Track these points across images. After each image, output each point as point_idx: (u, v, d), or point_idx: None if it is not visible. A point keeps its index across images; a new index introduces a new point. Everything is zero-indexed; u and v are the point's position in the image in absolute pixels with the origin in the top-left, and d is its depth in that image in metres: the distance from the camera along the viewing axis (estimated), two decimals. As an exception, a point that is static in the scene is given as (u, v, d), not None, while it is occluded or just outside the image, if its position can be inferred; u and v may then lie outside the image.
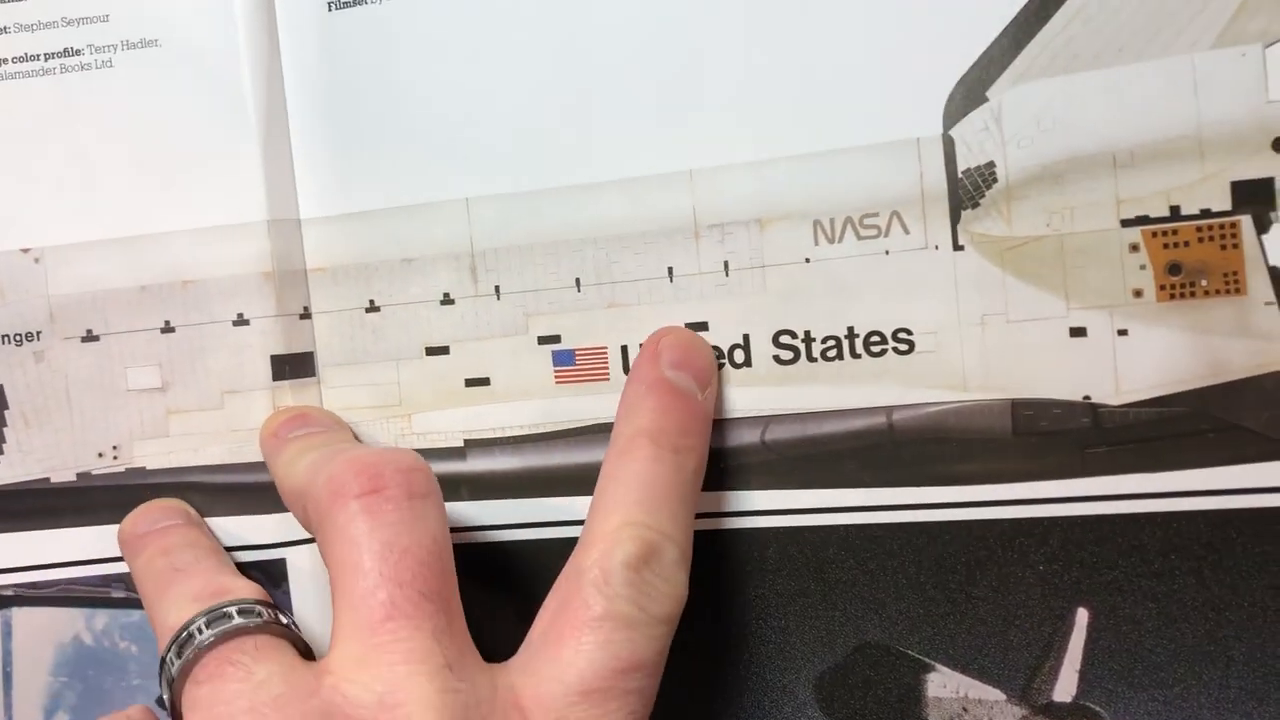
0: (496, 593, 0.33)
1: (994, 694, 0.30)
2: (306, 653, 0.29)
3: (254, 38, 0.33)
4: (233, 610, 0.29)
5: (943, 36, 0.30)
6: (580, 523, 0.32)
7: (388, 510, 0.27)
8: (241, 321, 0.34)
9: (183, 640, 0.28)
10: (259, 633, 0.28)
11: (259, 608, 0.29)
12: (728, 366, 0.31)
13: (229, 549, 0.34)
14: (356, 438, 0.33)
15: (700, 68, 0.31)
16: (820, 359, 0.31)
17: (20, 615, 0.35)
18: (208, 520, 0.34)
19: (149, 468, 0.34)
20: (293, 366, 0.34)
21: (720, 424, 0.31)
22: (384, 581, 0.27)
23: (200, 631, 0.28)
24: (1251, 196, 0.28)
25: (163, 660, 0.29)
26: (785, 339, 0.31)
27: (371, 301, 0.33)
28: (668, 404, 0.29)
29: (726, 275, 0.31)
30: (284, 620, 0.30)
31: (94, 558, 0.34)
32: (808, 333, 0.31)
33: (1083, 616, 0.29)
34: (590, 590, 0.27)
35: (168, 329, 0.34)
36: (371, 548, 0.27)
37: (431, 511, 0.28)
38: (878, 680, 0.31)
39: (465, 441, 0.33)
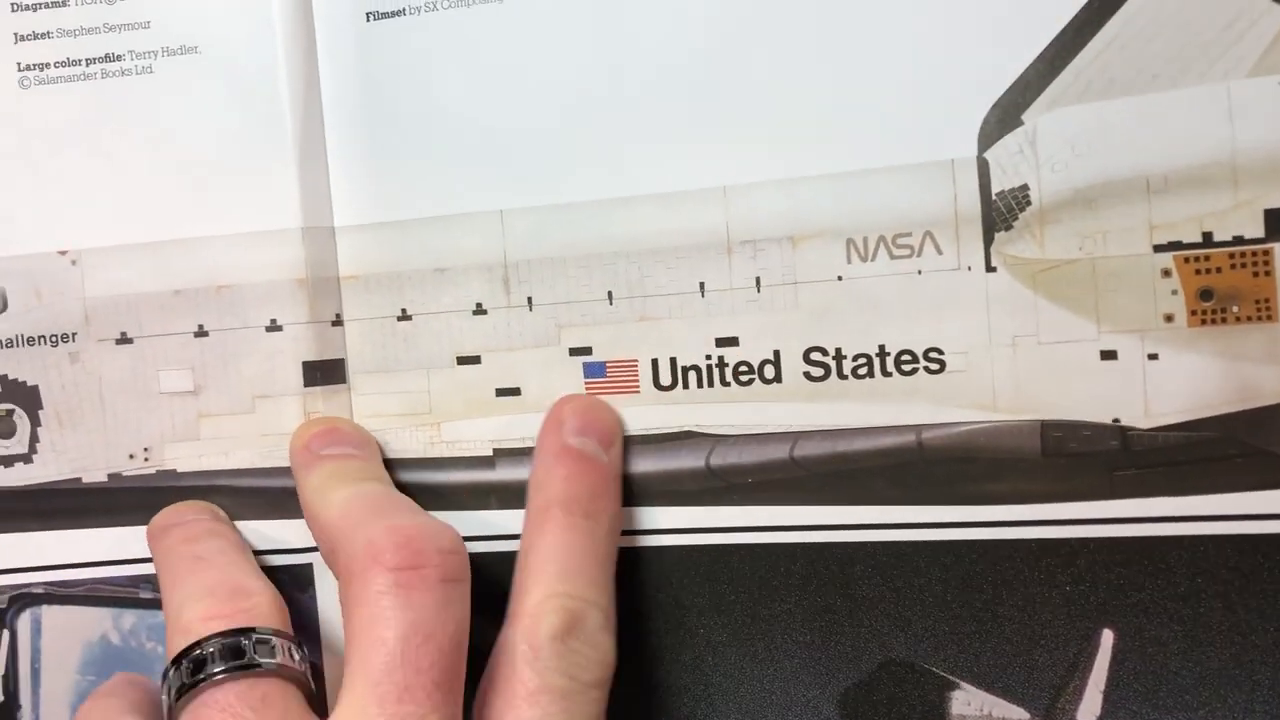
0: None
1: (1018, 713, 0.30)
2: (312, 695, 0.30)
3: (292, 46, 0.34)
4: (248, 644, 0.29)
5: (979, 59, 0.30)
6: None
7: (421, 591, 0.28)
8: (274, 327, 0.34)
9: (195, 660, 0.28)
10: (269, 677, 0.28)
11: (274, 640, 0.29)
12: (757, 381, 0.32)
13: (257, 552, 0.34)
14: (384, 454, 0.34)
15: (735, 84, 0.31)
16: (851, 376, 0.31)
17: (50, 613, 0.35)
18: (239, 522, 0.34)
19: (179, 470, 0.34)
20: (324, 373, 0.34)
21: (750, 439, 0.32)
22: (404, 664, 0.27)
23: (213, 660, 0.28)
24: (1285, 224, 0.28)
25: (168, 669, 0.29)
26: (816, 356, 0.31)
27: (404, 310, 0.34)
28: (575, 471, 0.31)
29: (758, 291, 0.31)
30: (296, 657, 0.29)
31: (123, 558, 0.35)
32: (839, 350, 0.31)
33: (1108, 638, 0.30)
34: (522, 665, 0.28)
35: (201, 333, 0.34)
36: (399, 628, 0.27)
37: (461, 598, 0.28)
38: (903, 697, 0.31)
39: (494, 450, 0.33)
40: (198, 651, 0.29)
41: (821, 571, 0.31)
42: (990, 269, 0.30)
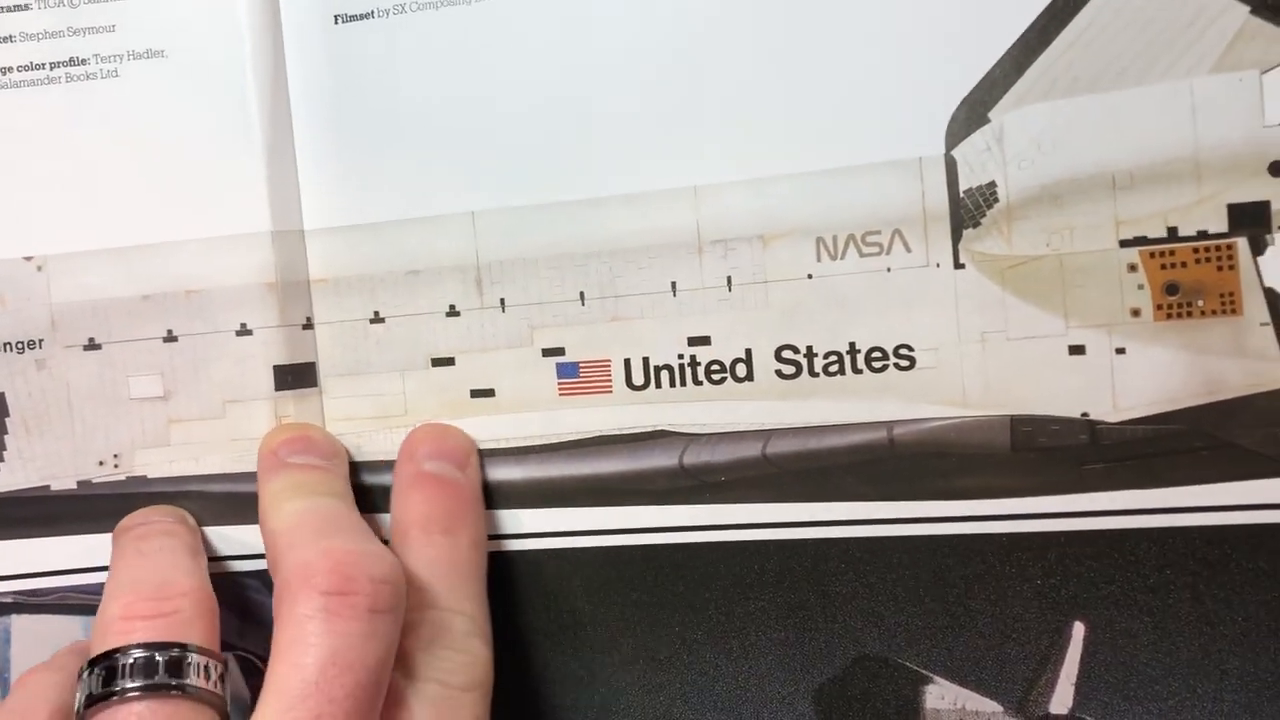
0: (500, 602, 0.33)
1: (991, 706, 0.30)
2: (225, 717, 0.29)
3: (260, 49, 0.34)
4: (162, 660, 0.28)
5: (946, 58, 0.30)
6: (585, 533, 0.33)
7: (347, 619, 0.27)
8: (244, 331, 0.34)
9: (108, 669, 0.28)
10: (183, 699, 0.28)
11: (193, 659, 0.29)
12: (729, 380, 0.32)
13: (229, 557, 0.34)
14: (356, 457, 0.34)
15: (706, 85, 0.31)
16: (822, 374, 0.31)
17: (19, 623, 0.35)
18: (206, 529, 0.34)
19: (150, 476, 0.34)
20: (295, 376, 0.34)
21: (723, 438, 0.32)
22: (317, 692, 0.27)
23: (126, 674, 0.28)
24: (1247, 219, 0.29)
25: (84, 669, 0.29)
26: (787, 354, 0.31)
27: (376, 313, 0.34)
28: (430, 494, 0.32)
29: (729, 290, 0.32)
30: (212, 677, 0.29)
31: (93, 565, 0.34)
32: (810, 348, 0.31)
33: (1079, 630, 0.30)
34: (396, 677, 0.29)
35: (170, 338, 0.34)
36: (319, 655, 0.27)
37: (388, 630, 0.28)
38: (877, 692, 0.31)
39: (469, 452, 0.33)
40: (113, 660, 0.28)
41: (795, 568, 0.31)
42: (959, 266, 0.30)
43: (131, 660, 0.28)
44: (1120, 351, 0.29)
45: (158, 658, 0.28)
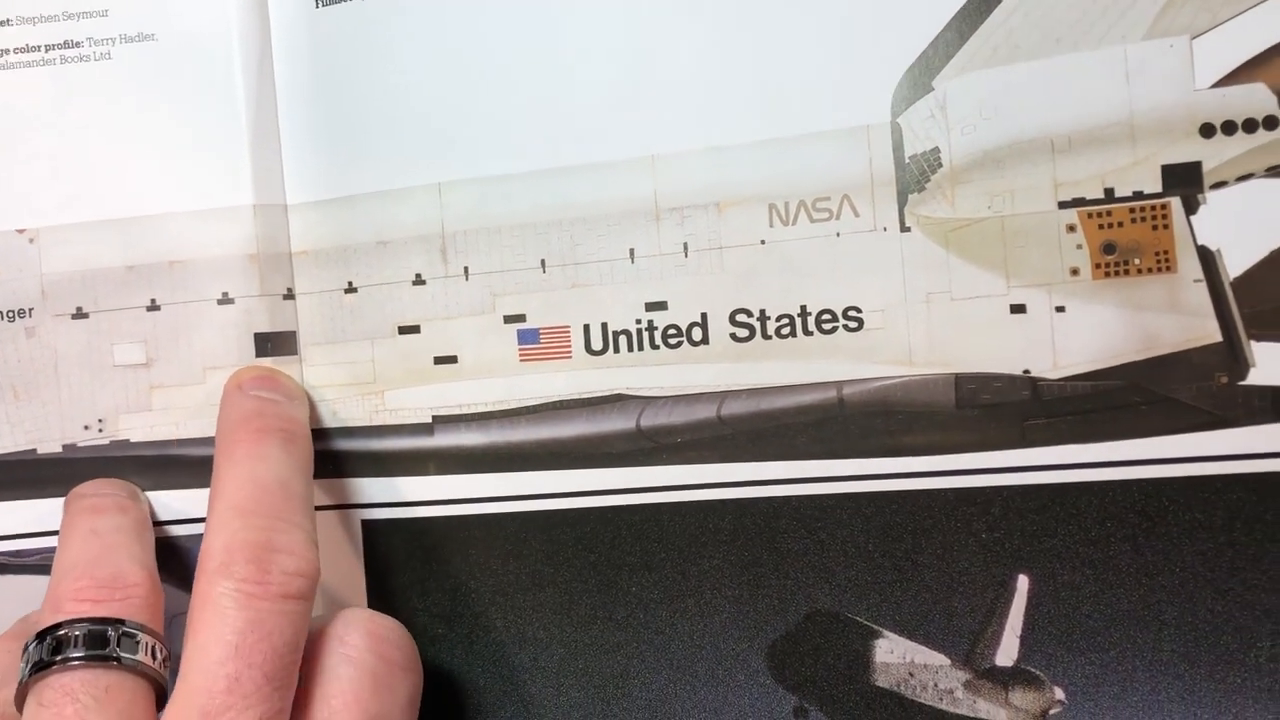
0: (462, 565, 0.34)
1: (939, 659, 0.31)
2: (164, 695, 0.30)
3: (246, 32, 0.35)
4: (113, 635, 0.30)
5: (891, 28, 0.31)
6: (545, 496, 0.34)
7: (260, 600, 0.29)
8: (226, 300, 0.35)
9: (57, 639, 0.30)
10: (123, 671, 0.30)
11: (140, 636, 0.30)
12: (685, 344, 0.33)
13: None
14: (330, 423, 0.35)
15: (661, 57, 0.32)
16: (775, 336, 0.32)
17: (4, 583, 0.36)
18: (187, 491, 0.35)
19: (133, 440, 0.35)
20: (275, 344, 0.35)
21: (679, 400, 0.33)
22: (237, 656, 0.29)
23: (72, 644, 0.29)
24: (1180, 179, 0.29)
25: (29, 642, 0.30)
26: (741, 317, 0.32)
27: (350, 283, 0.35)
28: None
29: (686, 256, 0.33)
30: (158, 656, 0.30)
31: (77, 528, 0.35)
32: (763, 311, 0.32)
33: (1023, 583, 0.30)
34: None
35: (153, 307, 0.35)
36: (236, 624, 0.29)
37: (300, 614, 0.30)
38: (828, 647, 0.32)
39: (433, 418, 0.34)
40: (62, 631, 0.30)
41: (748, 526, 0.32)
42: (905, 229, 0.31)
43: (80, 633, 0.30)
44: (1060, 310, 0.30)
45: (109, 632, 0.30)
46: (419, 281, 0.34)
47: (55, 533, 0.36)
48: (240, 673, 0.28)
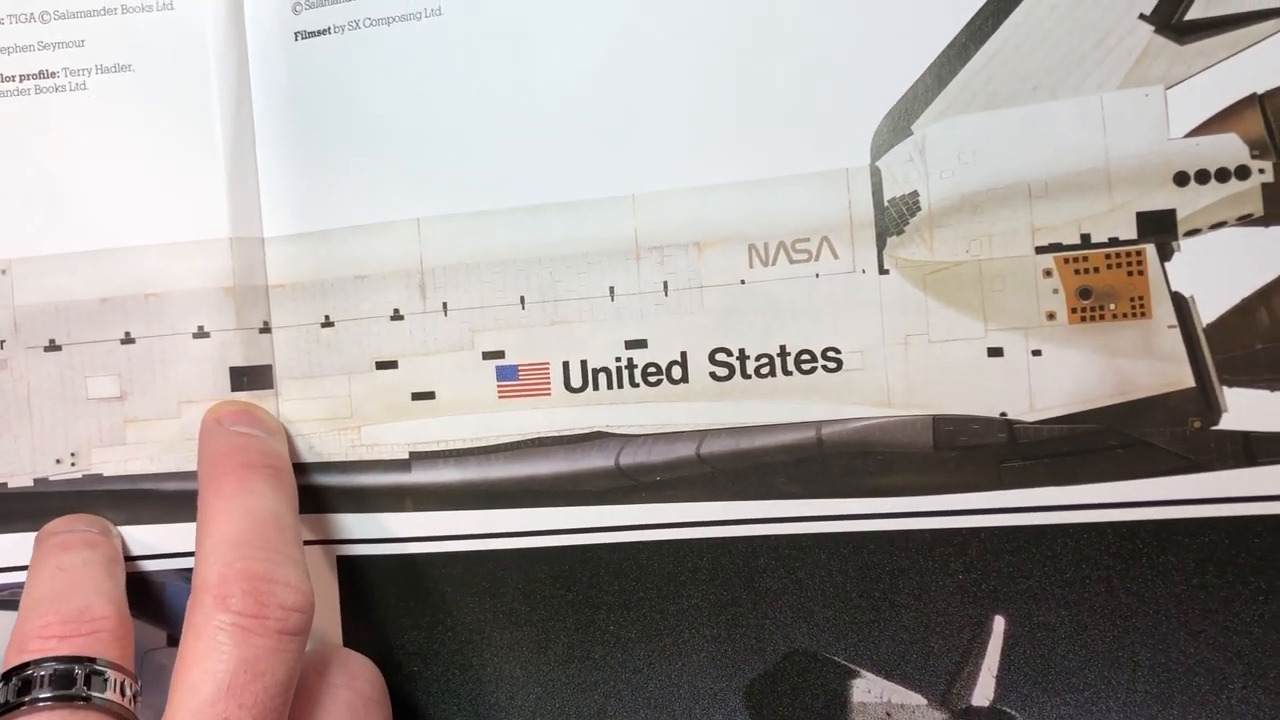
0: (438, 602, 0.34)
1: (916, 699, 0.31)
2: None
3: (224, 64, 0.35)
4: (81, 674, 0.29)
5: (872, 73, 0.31)
6: (523, 534, 0.34)
7: (256, 636, 0.29)
8: (202, 334, 0.35)
9: (24, 680, 0.29)
10: (90, 710, 0.29)
11: (109, 674, 0.30)
12: (665, 382, 0.33)
13: (181, 554, 0.34)
14: (306, 458, 0.35)
15: (644, 99, 0.33)
16: (754, 376, 0.32)
17: (-28, 618, 0.35)
18: (161, 526, 0.35)
19: (105, 474, 0.35)
20: (250, 378, 0.35)
21: (658, 438, 0.33)
22: (228, 697, 0.28)
23: (41, 684, 0.29)
24: (1155, 226, 0.30)
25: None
26: (721, 356, 0.32)
27: (327, 317, 0.35)
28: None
29: (666, 295, 0.33)
30: (127, 693, 0.30)
31: (47, 563, 0.35)
32: (742, 350, 0.32)
33: (999, 624, 0.31)
34: None
35: (128, 340, 0.35)
36: (230, 662, 0.28)
37: (295, 652, 0.30)
38: (806, 687, 0.32)
39: (410, 454, 0.34)
40: (28, 671, 0.29)
41: (727, 565, 0.32)
42: (883, 271, 0.32)
43: (46, 673, 0.29)
44: (1036, 353, 0.31)
45: (76, 671, 0.29)
46: (397, 316, 0.34)
47: (25, 568, 0.35)
48: (230, 714, 0.28)
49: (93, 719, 0.29)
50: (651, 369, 0.33)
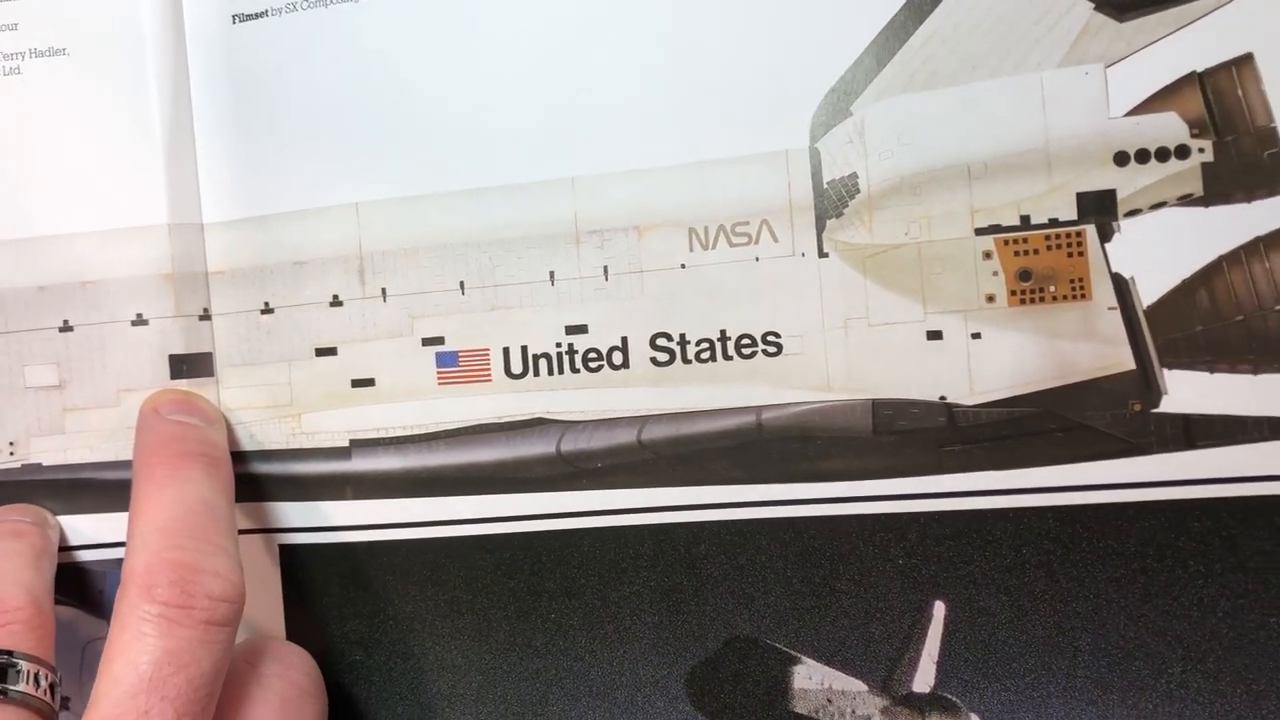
0: (380, 590, 0.33)
1: (856, 685, 0.31)
2: None
3: (162, 47, 0.35)
4: None
5: (810, 54, 0.31)
6: (464, 521, 0.33)
7: (183, 627, 0.29)
8: (140, 321, 0.34)
9: None
10: (8, 704, 0.29)
11: (24, 666, 0.29)
12: (606, 368, 0.32)
13: (120, 544, 0.34)
14: (247, 445, 0.34)
15: (583, 80, 0.32)
16: (695, 360, 0.32)
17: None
18: (100, 515, 0.34)
19: (45, 464, 0.35)
20: (190, 366, 0.35)
21: (599, 424, 0.32)
22: (150, 689, 0.28)
23: None
24: (1095, 207, 0.30)
25: None
26: (662, 341, 0.32)
27: (266, 303, 0.34)
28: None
29: (606, 279, 0.32)
30: (42, 685, 0.30)
31: (-13, 553, 0.35)
32: (683, 335, 0.32)
33: (940, 609, 0.30)
34: None
35: (66, 328, 0.35)
36: (154, 654, 0.28)
37: (222, 643, 0.29)
38: (747, 673, 0.32)
39: (351, 441, 0.34)
40: None
41: (668, 552, 0.32)
42: (823, 255, 0.31)
43: None
44: (976, 336, 0.30)
45: None
46: (336, 303, 0.34)
47: (-37, 558, 0.35)
48: (151, 706, 0.28)
49: (6, 711, 0.29)
50: (592, 354, 0.32)
